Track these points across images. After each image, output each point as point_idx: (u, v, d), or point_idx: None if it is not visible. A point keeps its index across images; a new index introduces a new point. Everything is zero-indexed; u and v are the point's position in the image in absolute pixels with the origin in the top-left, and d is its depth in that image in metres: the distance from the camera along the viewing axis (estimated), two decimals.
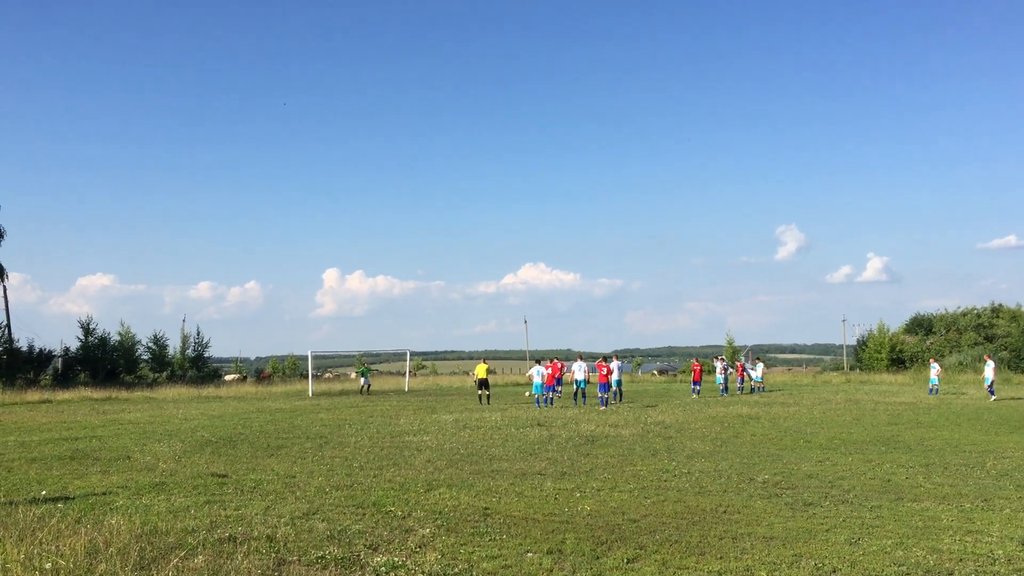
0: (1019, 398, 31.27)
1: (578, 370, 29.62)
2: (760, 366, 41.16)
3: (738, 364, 40.85)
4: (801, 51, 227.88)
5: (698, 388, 36.59)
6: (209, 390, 46.08)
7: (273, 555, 7.82)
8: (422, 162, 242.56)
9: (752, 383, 39.56)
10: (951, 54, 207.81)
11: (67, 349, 59.84)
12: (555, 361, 33.11)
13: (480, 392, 32.03)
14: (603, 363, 29.69)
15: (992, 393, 31.20)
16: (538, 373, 29.70)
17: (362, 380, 44.59)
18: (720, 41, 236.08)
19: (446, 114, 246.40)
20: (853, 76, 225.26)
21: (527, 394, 37.26)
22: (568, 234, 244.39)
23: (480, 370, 32.60)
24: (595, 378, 30.27)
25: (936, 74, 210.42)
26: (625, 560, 7.66)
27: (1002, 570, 7.27)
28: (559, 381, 32.54)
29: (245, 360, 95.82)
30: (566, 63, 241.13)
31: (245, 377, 68.87)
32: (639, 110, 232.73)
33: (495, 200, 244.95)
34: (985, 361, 33.32)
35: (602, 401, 28.54)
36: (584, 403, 28.96)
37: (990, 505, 10.19)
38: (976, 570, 7.27)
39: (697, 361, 40.04)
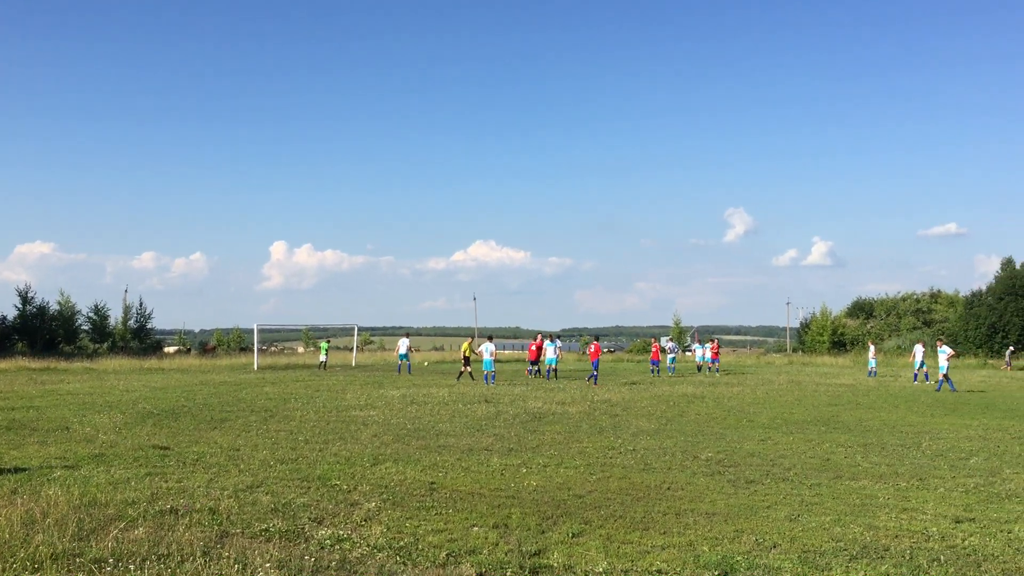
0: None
1: (402, 345, 36.06)
2: (708, 346, 41.79)
3: (712, 344, 40.77)
4: (756, 37, 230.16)
5: (657, 367, 37.70)
6: (152, 362, 45.23)
7: (216, 527, 7.71)
8: (373, 137, 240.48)
9: (700, 363, 40.38)
10: (898, 42, 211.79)
11: (3, 318, 58.38)
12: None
13: (463, 369, 32.42)
14: (539, 341, 32.15)
15: (940, 382, 27.38)
16: (487, 350, 30.29)
17: (322, 356, 43.32)
18: (673, 24, 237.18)
19: (400, 91, 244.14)
20: (802, 63, 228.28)
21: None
22: (519, 212, 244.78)
23: (465, 347, 33.97)
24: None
25: (881, 62, 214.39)
26: (570, 535, 7.71)
27: (936, 546, 7.47)
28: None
29: (189, 332, 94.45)
30: (520, 44, 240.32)
31: (189, 349, 67.91)
32: (592, 91, 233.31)
33: (446, 176, 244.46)
34: (938, 347, 28.34)
35: (530, 372, 33.00)
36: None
37: (925, 484, 10.47)
38: (911, 547, 7.46)
39: (656, 341, 41.32)
